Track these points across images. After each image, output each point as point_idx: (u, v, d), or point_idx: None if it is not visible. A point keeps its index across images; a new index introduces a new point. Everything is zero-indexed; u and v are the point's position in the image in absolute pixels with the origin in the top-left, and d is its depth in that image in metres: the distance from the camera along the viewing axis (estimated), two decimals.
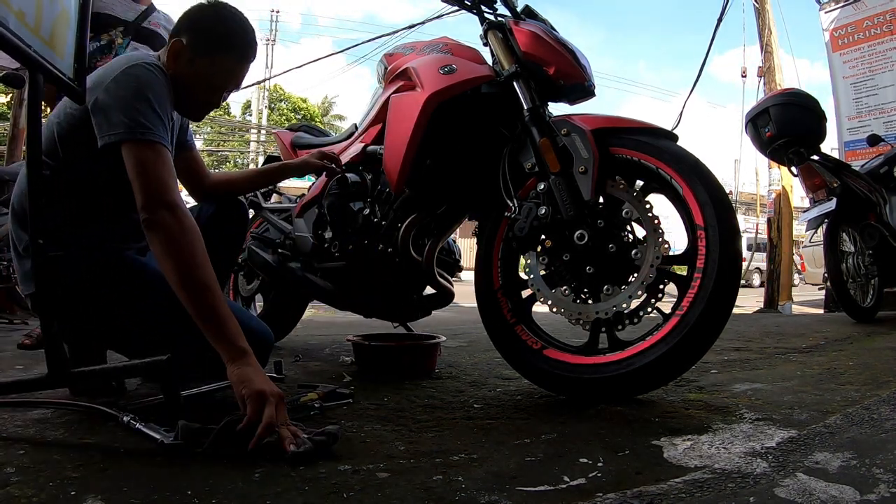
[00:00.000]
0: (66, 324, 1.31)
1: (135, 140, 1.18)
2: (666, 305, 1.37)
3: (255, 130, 22.08)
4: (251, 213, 2.49)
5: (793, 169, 3.43)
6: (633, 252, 1.34)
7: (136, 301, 1.34)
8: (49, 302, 1.14)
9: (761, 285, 11.10)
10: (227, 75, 1.39)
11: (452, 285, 1.85)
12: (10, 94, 5.12)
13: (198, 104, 1.42)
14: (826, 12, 5.69)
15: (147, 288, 1.34)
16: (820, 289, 6.78)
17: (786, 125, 3.04)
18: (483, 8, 1.63)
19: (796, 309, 6.54)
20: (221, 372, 1.10)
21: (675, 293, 1.33)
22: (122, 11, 2.47)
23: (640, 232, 1.37)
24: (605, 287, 1.35)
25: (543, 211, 1.40)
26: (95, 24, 2.44)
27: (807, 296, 9.22)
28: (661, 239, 1.32)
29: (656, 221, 1.33)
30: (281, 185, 2.17)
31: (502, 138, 1.57)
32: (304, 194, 2.07)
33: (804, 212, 3.54)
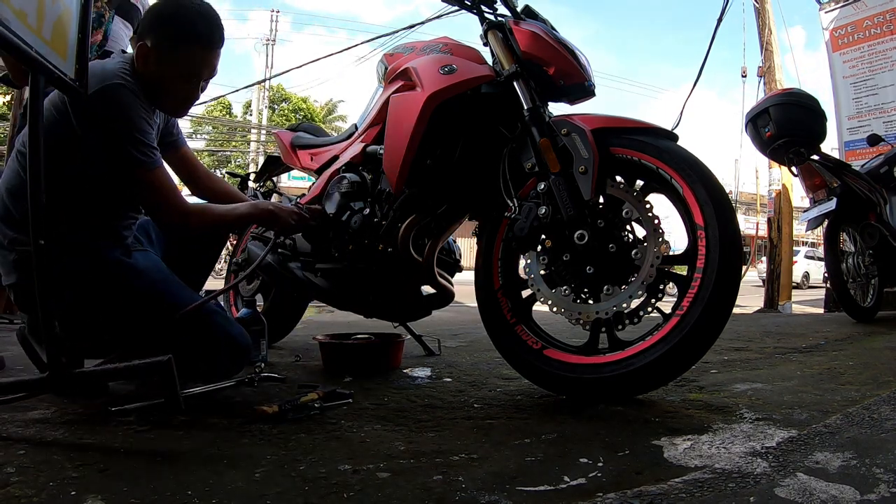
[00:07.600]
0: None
1: (147, 168, 1.32)
2: (666, 305, 1.37)
3: (255, 130, 22.13)
4: None
5: (793, 169, 3.43)
6: (634, 252, 1.34)
7: (118, 300, 1.36)
8: (30, 295, 1.17)
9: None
10: (197, 65, 1.38)
11: (452, 285, 1.85)
12: (11, 95, 5.10)
13: (176, 100, 1.42)
14: (826, 12, 5.67)
15: (131, 290, 1.37)
16: None
17: (786, 125, 3.04)
18: (483, 8, 1.63)
19: (796, 309, 6.53)
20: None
21: (676, 293, 1.33)
22: None
23: (640, 232, 1.37)
24: (606, 287, 1.35)
25: (543, 211, 1.40)
26: None
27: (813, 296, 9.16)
28: (661, 239, 1.32)
29: (656, 221, 1.33)
30: (281, 185, 2.17)
31: (502, 138, 1.56)
32: (304, 194, 2.07)
33: (804, 211, 3.54)
